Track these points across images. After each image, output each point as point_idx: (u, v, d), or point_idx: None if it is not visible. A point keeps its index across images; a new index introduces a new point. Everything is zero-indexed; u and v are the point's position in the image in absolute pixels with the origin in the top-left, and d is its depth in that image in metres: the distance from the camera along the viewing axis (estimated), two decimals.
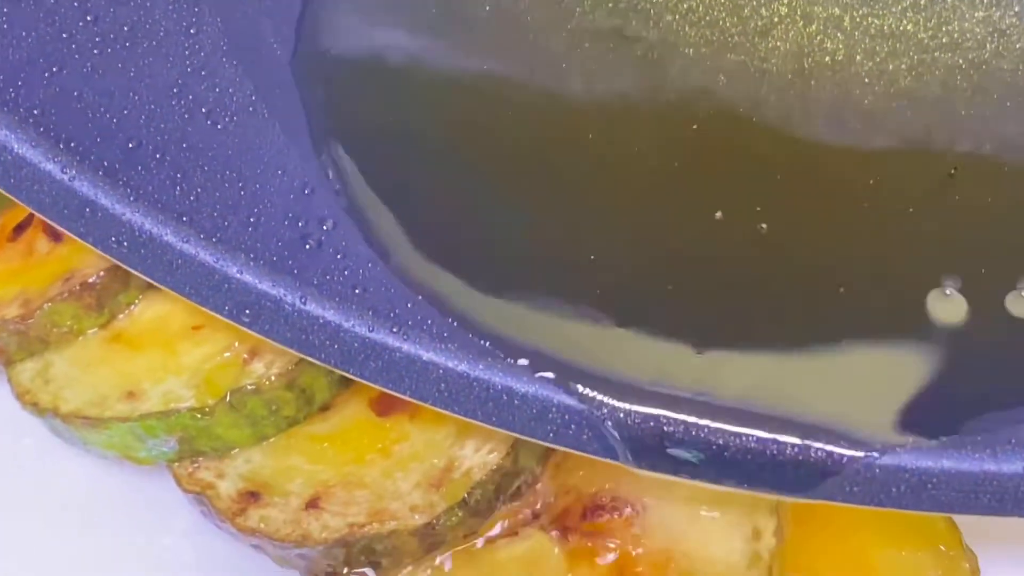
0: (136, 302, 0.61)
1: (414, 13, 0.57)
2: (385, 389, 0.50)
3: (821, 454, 0.46)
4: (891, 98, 0.54)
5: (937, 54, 0.54)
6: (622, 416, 0.47)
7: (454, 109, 0.55)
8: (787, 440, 0.46)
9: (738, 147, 0.54)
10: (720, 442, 0.46)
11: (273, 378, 0.56)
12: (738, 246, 0.51)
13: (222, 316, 0.50)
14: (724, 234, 0.51)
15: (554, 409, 0.48)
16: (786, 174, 0.53)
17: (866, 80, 0.54)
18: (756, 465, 0.46)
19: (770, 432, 0.46)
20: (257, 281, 0.50)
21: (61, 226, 0.51)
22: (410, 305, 0.50)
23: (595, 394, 0.47)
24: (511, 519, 0.56)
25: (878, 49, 0.55)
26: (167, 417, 0.56)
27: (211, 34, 0.55)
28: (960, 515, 0.52)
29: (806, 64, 0.55)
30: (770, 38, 0.55)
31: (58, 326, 0.59)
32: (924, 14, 0.55)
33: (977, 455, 0.46)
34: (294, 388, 0.57)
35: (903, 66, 0.54)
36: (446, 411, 0.49)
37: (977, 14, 0.55)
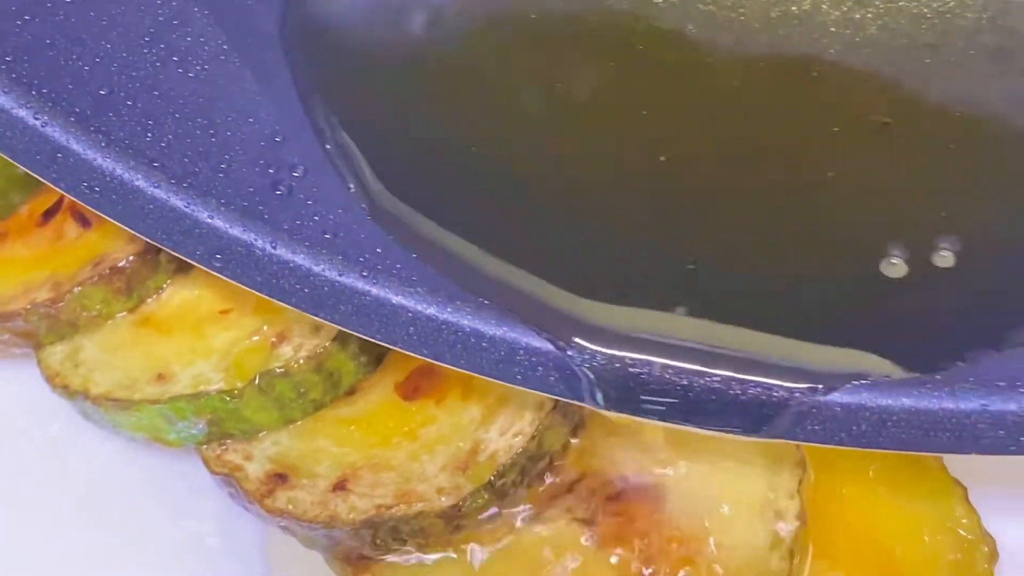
0: (165, 286, 0.61)
1: None
2: (355, 332, 0.51)
3: (782, 393, 0.47)
4: (858, 47, 0.55)
5: (903, 3, 0.55)
6: (588, 358, 0.48)
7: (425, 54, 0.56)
8: (750, 379, 0.47)
9: (699, 92, 0.55)
10: (684, 383, 0.47)
11: (301, 361, 0.57)
12: (695, 192, 0.52)
13: (194, 261, 0.51)
14: (681, 177, 0.52)
15: (521, 352, 0.49)
16: (749, 119, 0.54)
17: (832, 29, 0.55)
18: (720, 405, 0.47)
19: (733, 371, 0.47)
20: (228, 226, 0.51)
21: (34, 172, 0.52)
22: (380, 250, 0.50)
23: (562, 336, 0.48)
24: (536, 502, 0.57)
25: None
26: (197, 399, 0.56)
27: None
28: (919, 452, 0.53)
29: (773, 13, 0.55)
30: None
31: (87, 310, 0.60)
32: None
33: (936, 393, 0.47)
34: (322, 371, 0.57)
35: (869, 15, 0.55)
36: (416, 354, 0.50)
37: None
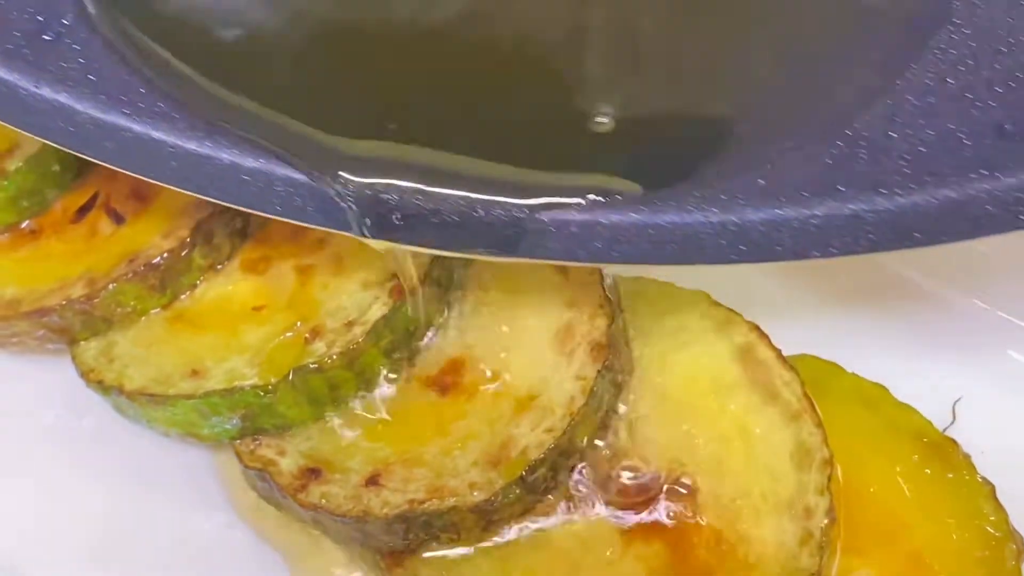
0: (199, 282, 0.62)
1: None
2: (120, 169, 0.53)
3: (522, 213, 0.51)
4: None
5: None
6: (340, 187, 0.51)
7: None
8: (491, 199, 0.51)
9: None
10: (431, 206, 0.51)
11: (334, 357, 0.57)
12: (430, 39, 0.56)
13: None
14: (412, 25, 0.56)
15: (279, 183, 0.52)
16: None
17: None
18: (467, 226, 0.51)
19: (472, 191, 0.51)
20: None
21: None
22: (142, 91, 0.53)
23: (315, 167, 0.51)
24: (567, 496, 0.57)
25: None
26: (231, 395, 0.57)
27: None
28: (651, 264, 0.56)
29: None
30: None
31: (122, 306, 0.60)
32: None
33: (663, 208, 0.51)
34: (354, 367, 0.58)
35: None
36: (180, 188, 0.53)
37: None
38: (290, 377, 0.57)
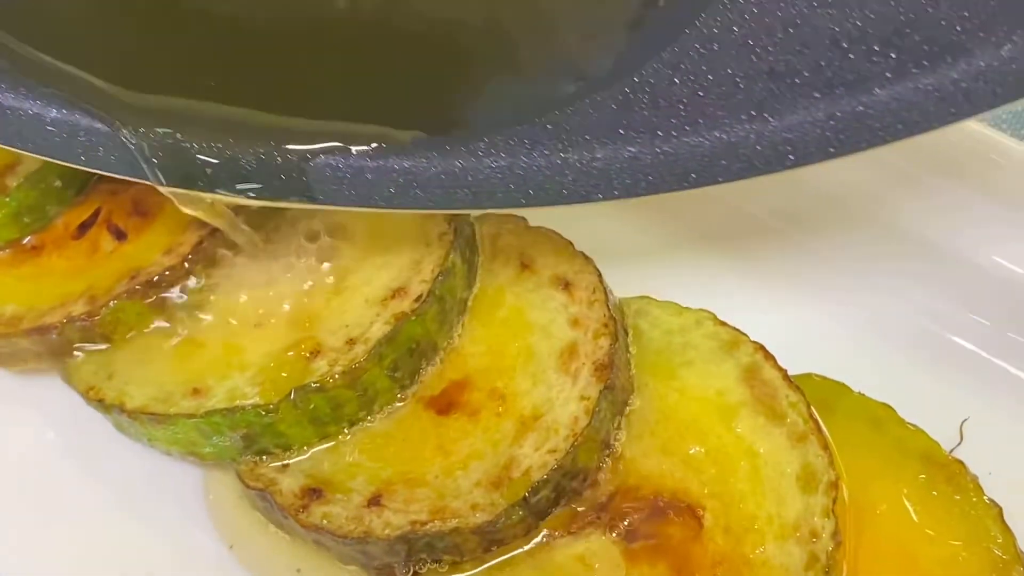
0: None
1: None
2: None
3: (319, 160, 0.53)
4: None
5: None
6: (142, 135, 0.53)
7: None
8: (285, 147, 0.53)
9: None
10: (228, 153, 0.53)
11: (336, 376, 0.56)
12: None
13: None
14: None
15: (81, 133, 0.54)
16: None
17: None
18: (261, 170, 0.53)
19: (266, 139, 0.53)
20: None
21: None
22: None
23: (116, 117, 0.53)
24: (571, 518, 0.57)
25: None
26: (232, 414, 0.56)
27: None
28: (445, 211, 0.58)
29: None
30: None
31: (123, 323, 0.60)
32: None
33: (453, 154, 0.53)
34: (356, 387, 0.57)
35: None
36: None
37: None
38: (292, 396, 0.56)
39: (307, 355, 0.58)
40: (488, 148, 0.53)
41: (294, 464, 0.58)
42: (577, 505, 0.57)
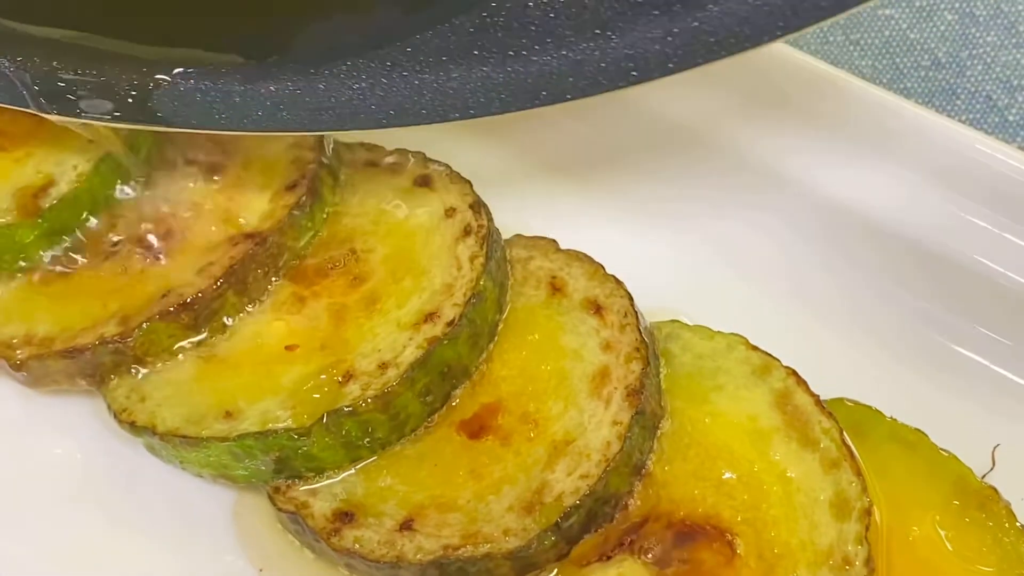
0: (231, 321, 0.61)
1: None
2: None
3: (190, 85, 0.57)
4: None
5: None
6: (19, 64, 0.57)
7: None
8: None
9: None
10: (103, 80, 0.57)
11: (369, 400, 0.56)
12: None
13: None
14: None
15: None
16: None
17: None
18: (135, 97, 0.57)
19: (143, 68, 0.57)
20: None
21: None
22: None
23: None
24: (602, 543, 0.56)
25: None
26: (265, 437, 0.56)
27: None
28: (307, 132, 0.62)
29: None
30: None
31: (155, 345, 0.60)
32: None
33: (318, 78, 0.57)
34: (388, 411, 0.57)
35: None
36: None
37: None
38: (324, 420, 0.56)
39: (339, 379, 0.58)
40: (350, 71, 0.56)
41: (326, 487, 0.58)
42: (608, 530, 0.57)
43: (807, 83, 0.66)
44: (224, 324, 0.61)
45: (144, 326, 0.59)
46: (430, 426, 0.59)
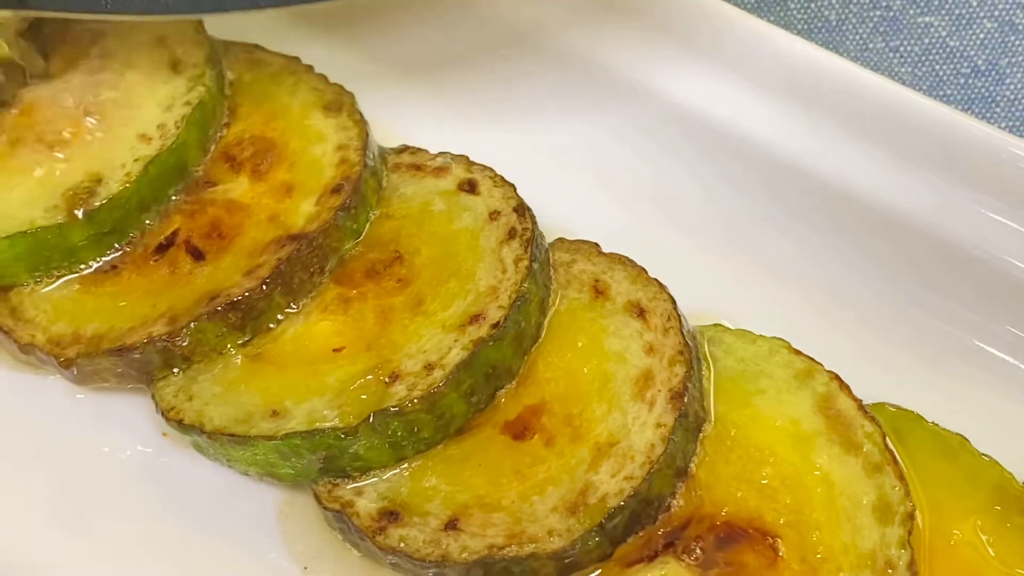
0: (278, 322, 0.62)
1: None
2: None
3: None
4: None
5: None
6: None
7: None
8: None
9: None
10: None
11: (415, 401, 0.57)
12: None
13: None
14: None
15: None
16: None
17: None
18: None
19: None
20: None
21: None
22: None
23: None
24: (645, 544, 0.57)
25: None
26: (312, 437, 0.57)
27: None
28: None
29: None
30: None
31: (203, 344, 0.61)
32: None
33: None
34: (434, 411, 0.58)
35: None
36: None
37: None
38: (371, 420, 0.57)
39: (385, 379, 0.58)
40: None
41: (371, 486, 0.58)
42: (651, 531, 0.57)
43: None
44: (271, 325, 0.62)
45: (192, 325, 0.60)
46: (474, 427, 0.60)
